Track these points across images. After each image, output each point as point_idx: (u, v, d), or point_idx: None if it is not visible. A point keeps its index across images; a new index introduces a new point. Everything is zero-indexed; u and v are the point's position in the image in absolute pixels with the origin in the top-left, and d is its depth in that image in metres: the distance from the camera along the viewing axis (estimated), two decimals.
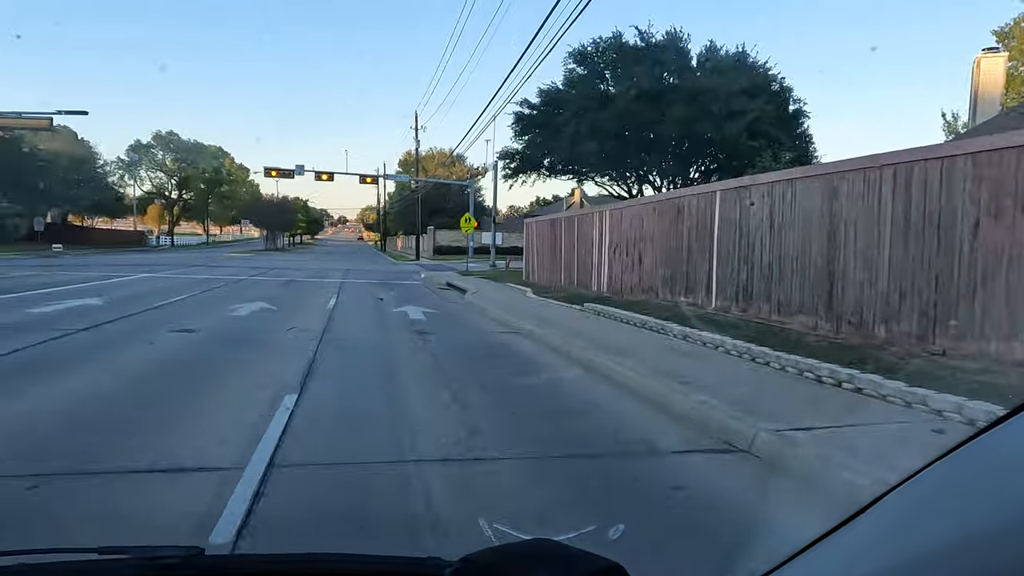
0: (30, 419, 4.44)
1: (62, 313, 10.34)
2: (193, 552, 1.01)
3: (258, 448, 3.82)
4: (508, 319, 10.87)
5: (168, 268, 25.70)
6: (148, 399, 5.25)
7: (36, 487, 3.19)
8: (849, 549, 0.83)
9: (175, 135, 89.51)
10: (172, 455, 3.72)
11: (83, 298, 12.70)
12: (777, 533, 2.69)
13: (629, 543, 2.51)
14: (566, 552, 0.99)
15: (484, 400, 5.40)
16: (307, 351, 7.44)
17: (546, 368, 7.00)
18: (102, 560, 1.02)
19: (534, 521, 2.94)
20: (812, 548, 0.88)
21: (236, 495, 3.08)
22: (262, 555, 1.44)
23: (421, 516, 3.01)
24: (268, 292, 16.32)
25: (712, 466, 3.85)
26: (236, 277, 21.28)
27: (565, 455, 4.05)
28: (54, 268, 23.47)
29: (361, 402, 5.41)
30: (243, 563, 1.32)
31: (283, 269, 28.38)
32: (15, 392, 5.15)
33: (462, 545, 2.46)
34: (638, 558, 1.11)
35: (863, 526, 0.82)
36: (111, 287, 16.25)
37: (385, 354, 7.88)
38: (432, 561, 1.03)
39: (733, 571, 1.92)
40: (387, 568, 1.15)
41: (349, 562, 1.15)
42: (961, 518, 0.67)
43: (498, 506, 3.17)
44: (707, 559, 2.64)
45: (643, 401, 5.37)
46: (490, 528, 2.44)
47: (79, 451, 3.77)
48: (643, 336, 8.58)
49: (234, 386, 5.77)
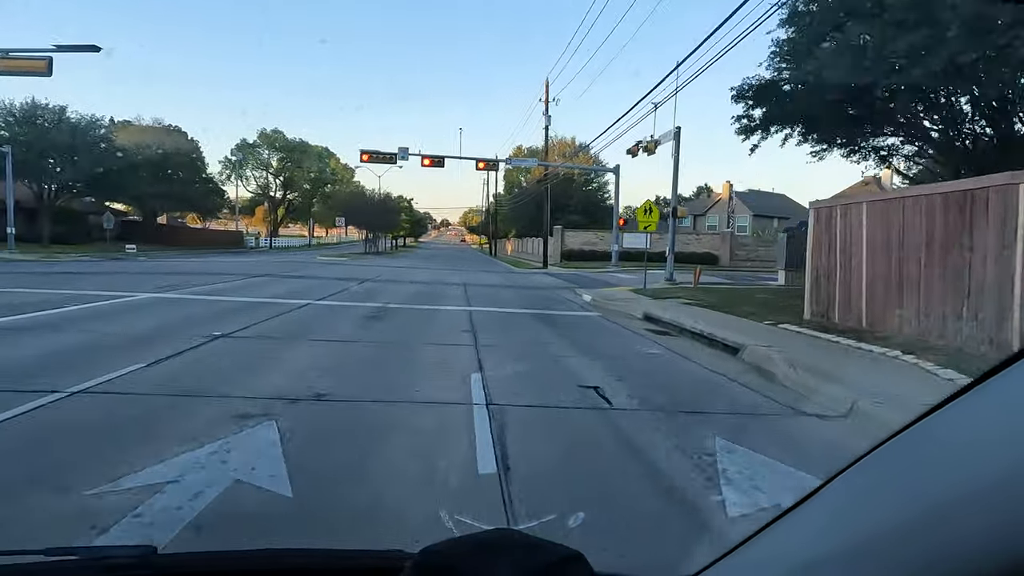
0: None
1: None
2: (145, 551, 0.99)
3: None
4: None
5: (226, 279, 18.23)
6: None
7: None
8: (792, 536, 0.84)
9: (280, 132, 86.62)
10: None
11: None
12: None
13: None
14: (527, 541, 0.96)
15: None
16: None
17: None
18: (49, 562, 1.00)
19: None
20: (756, 536, 0.89)
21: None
22: (218, 552, 1.26)
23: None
24: (330, 353, 7.71)
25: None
26: (298, 301, 13.04)
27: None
28: (55, 276, 16.52)
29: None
30: (198, 561, 1.19)
31: (377, 281, 20.18)
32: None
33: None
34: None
35: (807, 512, 0.83)
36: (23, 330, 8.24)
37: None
38: (394, 553, 1.04)
39: (682, 563, 1.37)
40: (346, 562, 1.15)
41: (310, 556, 1.17)
42: (905, 502, 0.67)
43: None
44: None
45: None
46: (451, 519, 2.13)
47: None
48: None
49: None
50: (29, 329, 8.11)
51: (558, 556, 0.91)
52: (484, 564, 0.87)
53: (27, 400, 4.64)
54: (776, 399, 5.78)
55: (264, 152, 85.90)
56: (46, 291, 12.87)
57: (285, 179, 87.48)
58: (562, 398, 5.47)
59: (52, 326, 8.37)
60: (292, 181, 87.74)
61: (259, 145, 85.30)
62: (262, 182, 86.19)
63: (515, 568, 0.87)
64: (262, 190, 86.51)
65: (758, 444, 4.26)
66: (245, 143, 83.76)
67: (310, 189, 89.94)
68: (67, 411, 4.56)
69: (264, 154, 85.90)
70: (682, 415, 5.06)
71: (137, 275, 19.20)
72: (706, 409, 5.41)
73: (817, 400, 5.58)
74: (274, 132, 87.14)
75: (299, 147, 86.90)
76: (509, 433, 4.38)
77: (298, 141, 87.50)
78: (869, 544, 0.68)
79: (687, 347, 8.75)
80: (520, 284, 21.81)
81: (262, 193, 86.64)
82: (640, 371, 6.91)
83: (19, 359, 6.27)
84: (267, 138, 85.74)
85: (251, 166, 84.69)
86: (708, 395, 5.99)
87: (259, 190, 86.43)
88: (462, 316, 11.56)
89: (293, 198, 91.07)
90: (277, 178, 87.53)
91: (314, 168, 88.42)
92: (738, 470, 3.76)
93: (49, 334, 7.74)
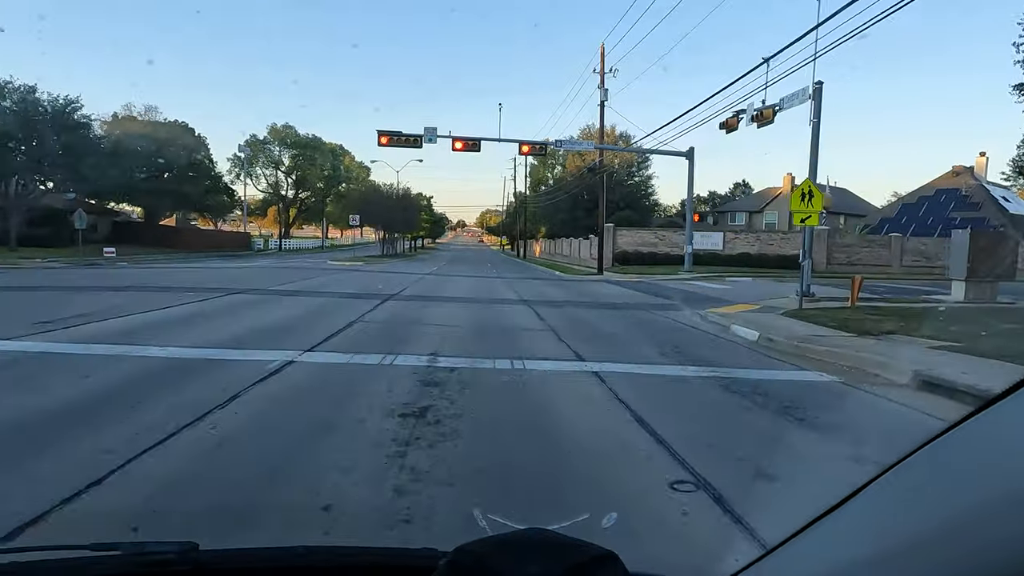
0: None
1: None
2: (187, 547, 1.00)
3: None
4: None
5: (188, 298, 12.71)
6: None
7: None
8: (835, 536, 0.83)
9: (291, 128, 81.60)
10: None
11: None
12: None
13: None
14: (559, 541, 0.95)
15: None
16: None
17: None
18: (96, 557, 1.01)
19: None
20: (799, 536, 0.88)
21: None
22: (256, 549, 1.22)
23: None
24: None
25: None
26: (268, 356, 7.24)
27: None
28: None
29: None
30: (237, 557, 1.18)
31: (404, 299, 14.47)
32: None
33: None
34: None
35: (850, 512, 0.83)
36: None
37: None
38: (426, 552, 1.03)
39: (721, 558, 1.63)
40: (381, 559, 1.15)
41: (343, 554, 1.19)
42: (949, 503, 0.67)
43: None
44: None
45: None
46: (484, 518, 1.78)
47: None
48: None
49: None
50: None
51: (591, 555, 0.89)
52: (517, 562, 0.86)
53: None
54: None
55: (275, 149, 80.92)
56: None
57: (297, 178, 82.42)
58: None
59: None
60: (304, 180, 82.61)
61: (270, 141, 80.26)
62: (273, 181, 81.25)
63: (548, 567, 0.85)
64: (273, 189, 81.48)
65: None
66: (255, 139, 78.73)
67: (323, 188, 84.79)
68: None
69: (275, 151, 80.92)
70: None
71: (54, 292, 13.60)
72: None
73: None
74: (285, 127, 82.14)
75: (312, 143, 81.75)
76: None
77: (311, 137, 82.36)
78: (913, 545, 0.68)
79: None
80: (600, 300, 15.90)
81: (273, 192, 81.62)
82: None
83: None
84: (278, 134, 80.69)
85: (261, 164, 79.73)
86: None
87: (270, 189, 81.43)
88: (590, 388, 5.77)
89: (305, 198, 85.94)
90: (289, 176, 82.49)
91: (328, 166, 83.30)
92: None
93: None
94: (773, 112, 17.32)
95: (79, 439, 3.87)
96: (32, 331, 7.85)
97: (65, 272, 21.70)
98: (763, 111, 17.50)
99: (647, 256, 32.51)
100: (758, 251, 30.89)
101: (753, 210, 52.89)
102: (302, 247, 74.30)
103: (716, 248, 31.68)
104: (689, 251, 26.34)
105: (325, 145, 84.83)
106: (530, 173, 66.11)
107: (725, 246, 31.85)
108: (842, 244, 29.75)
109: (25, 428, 4.11)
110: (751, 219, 52.24)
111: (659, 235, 33.67)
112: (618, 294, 17.99)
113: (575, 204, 51.54)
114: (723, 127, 20.55)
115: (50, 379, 5.53)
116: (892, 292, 18.53)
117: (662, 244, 33.14)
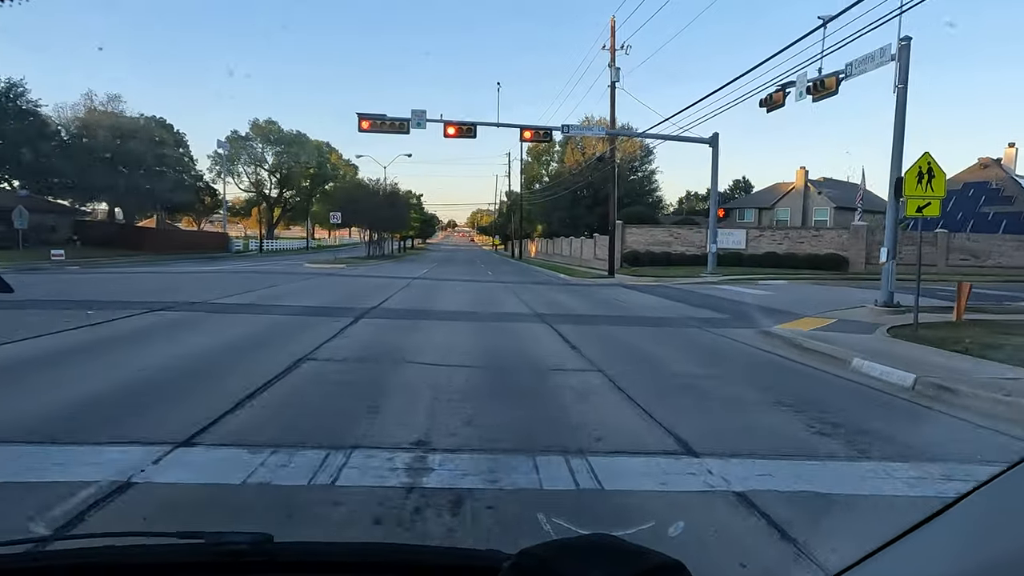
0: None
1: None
2: (262, 539, 1.03)
3: None
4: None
5: (95, 318, 9.34)
6: None
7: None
8: (922, 553, 0.82)
9: (274, 123, 77.94)
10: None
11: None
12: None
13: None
14: (624, 547, 0.92)
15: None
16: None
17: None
18: (180, 544, 1.05)
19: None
20: (883, 551, 0.87)
21: None
22: (329, 543, 1.29)
23: None
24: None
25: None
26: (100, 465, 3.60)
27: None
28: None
29: None
30: (309, 550, 1.21)
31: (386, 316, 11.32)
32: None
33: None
34: None
35: (936, 530, 0.82)
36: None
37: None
38: (490, 553, 1.03)
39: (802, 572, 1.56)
40: (446, 559, 1.15)
41: (407, 552, 1.24)
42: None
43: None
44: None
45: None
46: (548, 522, 1.98)
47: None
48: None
49: None
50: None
51: (656, 563, 0.87)
52: (581, 567, 0.85)
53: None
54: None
55: (257, 145, 77.20)
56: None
57: (281, 176, 78.77)
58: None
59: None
60: (289, 178, 79.01)
61: (252, 138, 76.55)
62: (256, 179, 77.46)
63: (613, 572, 0.84)
64: (255, 188, 77.71)
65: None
66: (236, 135, 74.96)
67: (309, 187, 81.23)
68: None
69: (258, 147, 77.20)
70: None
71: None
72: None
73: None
74: (268, 123, 78.43)
75: (296, 139, 78.07)
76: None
77: (295, 133, 78.75)
78: (1001, 563, 0.66)
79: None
80: (632, 313, 12.70)
81: (256, 191, 77.85)
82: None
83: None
84: (260, 129, 76.96)
85: (243, 161, 75.88)
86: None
87: (252, 188, 77.64)
88: (768, 557, 2.52)
89: (290, 196, 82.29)
90: (273, 175, 78.83)
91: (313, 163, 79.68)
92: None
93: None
94: (837, 81, 14.21)
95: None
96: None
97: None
98: (824, 80, 14.39)
99: (660, 256, 29.31)
100: (786, 250, 27.78)
101: (763, 207, 49.86)
102: (285, 248, 70.66)
103: (738, 247, 28.54)
104: (713, 250, 23.19)
105: (310, 142, 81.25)
106: (524, 170, 62.83)
107: (748, 245, 28.73)
108: (882, 242, 26.69)
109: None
110: (761, 216, 49.21)
111: (674, 233, 30.49)
112: (647, 304, 14.79)
113: (575, 201, 48.35)
114: (764, 104, 17.41)
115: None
116: (976, 299, 15.44)
117: (677, 243, 29.97)
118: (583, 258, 38.93)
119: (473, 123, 22.56)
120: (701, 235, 30.15)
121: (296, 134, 78.59)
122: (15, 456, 3.56)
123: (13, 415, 4.32)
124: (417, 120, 22.24)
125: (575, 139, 53.48)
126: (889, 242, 12.51)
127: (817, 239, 27.82)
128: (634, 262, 29.64)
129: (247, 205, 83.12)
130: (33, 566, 1.02)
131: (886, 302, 12.55)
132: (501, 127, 22.88)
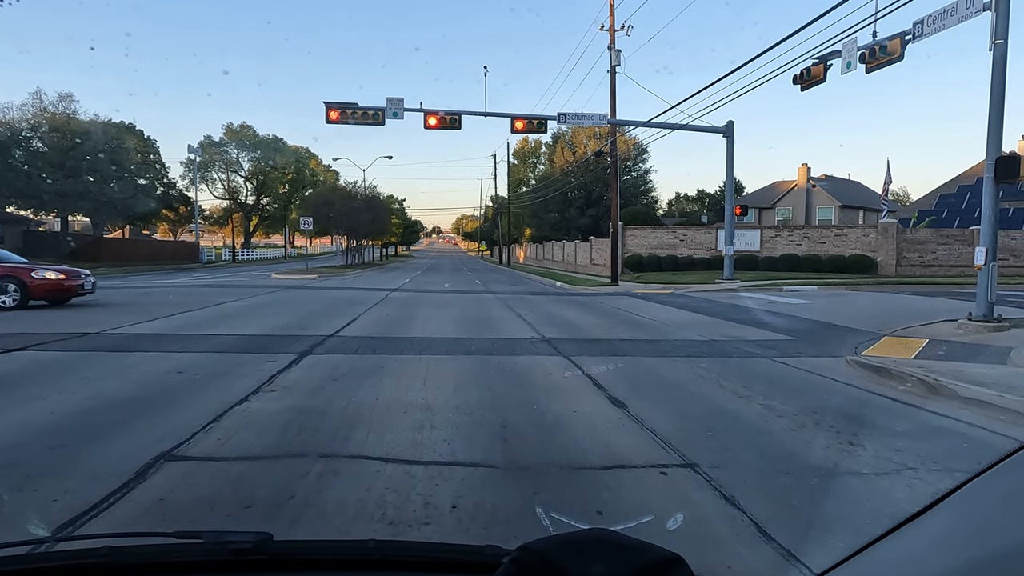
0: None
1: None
2: (263, 537, 1.02)
3: None
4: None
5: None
6: None
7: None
8: (916, 546, 0.82)
9: (250, 128, 74.58)
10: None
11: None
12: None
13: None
14: (624, 542, 0.92)
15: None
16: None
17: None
18: (179, 544, 1.04)
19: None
20: (877, 544, 0.87)
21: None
22: (327, 541, 1.30)
23: None
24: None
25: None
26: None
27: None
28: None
29: None
30: (309, 548, 1.21)
31: (313, 351, 8.41)
32: None
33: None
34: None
35: (931, 523, 0.82)
36: None
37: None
38: (490, 549, 1.03)
39: (796, 566, 1.53)
40: (447, 555, 1.14)
41: (408, 549, 1.23)
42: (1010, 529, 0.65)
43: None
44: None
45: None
46: (547, 516, 1.97)
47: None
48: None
49: None
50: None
51: (656, 558, 0.87)
52: (581, 562, 0.85)
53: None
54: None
55: (232, 151, 73.75)
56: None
57: (258, 182, 75.37)
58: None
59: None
60: (266, 184, 75.64)
61: (226, 143, 73.13)
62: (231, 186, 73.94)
63: (611, 568, 0.84)
64: (231, 195, 74.17)
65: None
66: (209, 140, 71.51)
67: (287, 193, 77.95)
68: None
69: (232, 153, 73.75)
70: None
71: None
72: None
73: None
74: (243, 128, 75.03)
75: (273, 144, 74.79)
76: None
77: (272, 138, 75.44)
78: (998, 557, 0.66)
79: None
80: (666, 336, 9.88)
81: (231, 198, 74.29)
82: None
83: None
84: (235, 134, 73.50)
85: (217, 168, 72.35)
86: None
87: (227, 195, 74.09)
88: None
89: (267, 203, 78.88)
90: (249, 181, 75.39)
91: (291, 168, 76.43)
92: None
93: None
94: (902, 43, 11.65)
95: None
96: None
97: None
98: (886, 43, 11.79)
99: (666, 260, 26.61)
100: (806, 251, 25.17)
101: (763, 206, 47.51)
102: (260, 258, 67.30)
103: (752, 249, 25.94)
104: (730, 253, 20.51)
105: (287, 147, 78.04)
106: (510, 173, 60.06)
107: (763, 246, 26.12)
108: (914, 241, 24.13)
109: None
110: (761, 216, 46.86)
111: (679, 234, 27.78)
112: (673, 319, 12.02)
113: (567, 202, 45.68)
114: (798, 81, 14.79)
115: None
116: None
117: (683, 245, 27.29)
118: (577, 263, 36.21)
119: (458, 112, 19.75)
120: (710, 236, 27.51)
121: (273, 139, 75.32)
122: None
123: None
124: (393, 110, 19.39)
125: (565, 138, 50.84)
126: (987, 240, 9.85)
127: (840, 239, 25.27)
128: (637, 267, 26.93)
129: (224, 214, 79.49)
130: (33, 567, 1.02)
131: (984, 315, 9.87)
132: (489, 116, 20.09)
